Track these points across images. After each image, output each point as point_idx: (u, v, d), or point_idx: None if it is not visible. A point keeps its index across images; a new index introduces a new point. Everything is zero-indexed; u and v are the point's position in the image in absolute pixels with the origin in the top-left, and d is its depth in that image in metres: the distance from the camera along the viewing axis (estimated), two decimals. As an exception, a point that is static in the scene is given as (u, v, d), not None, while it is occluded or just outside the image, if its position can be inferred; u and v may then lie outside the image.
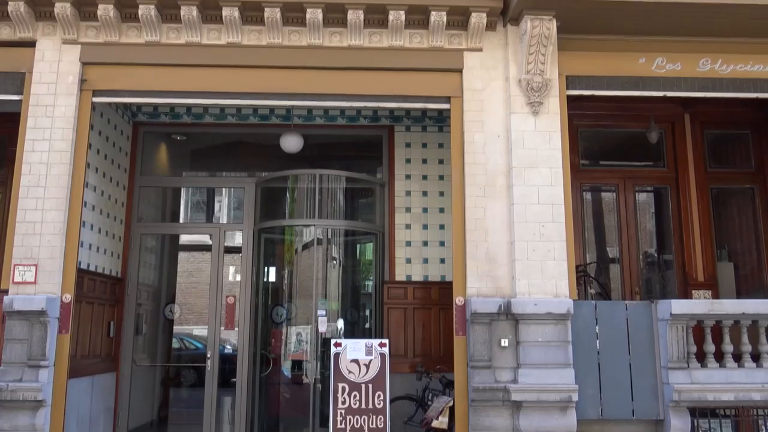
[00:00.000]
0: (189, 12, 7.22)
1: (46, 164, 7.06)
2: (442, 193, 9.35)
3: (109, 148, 8.57)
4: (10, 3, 7.07)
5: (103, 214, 8.39)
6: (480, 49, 7.50)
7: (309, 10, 7.23)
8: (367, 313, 9.73)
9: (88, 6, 7.26)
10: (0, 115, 8.08)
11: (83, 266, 7.63)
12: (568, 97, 7.48)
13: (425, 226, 9.37)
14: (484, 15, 7.32)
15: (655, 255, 9.89)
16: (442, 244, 9.27)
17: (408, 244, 9.31)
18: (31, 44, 7.35)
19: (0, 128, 8.67)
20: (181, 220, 11.80)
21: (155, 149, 10.03)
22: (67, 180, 7.06)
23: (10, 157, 7.98)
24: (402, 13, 7.26)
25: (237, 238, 10.56)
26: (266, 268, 9.81)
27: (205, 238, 12.05)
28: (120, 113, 8.92)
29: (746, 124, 9.63)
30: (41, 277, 6.84)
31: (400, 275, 9.23)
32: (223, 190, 12.61)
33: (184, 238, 12.93)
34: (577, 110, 8.16)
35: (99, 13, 7.19)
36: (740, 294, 9.19)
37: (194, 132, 10.01)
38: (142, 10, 7.19)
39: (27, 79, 7.28)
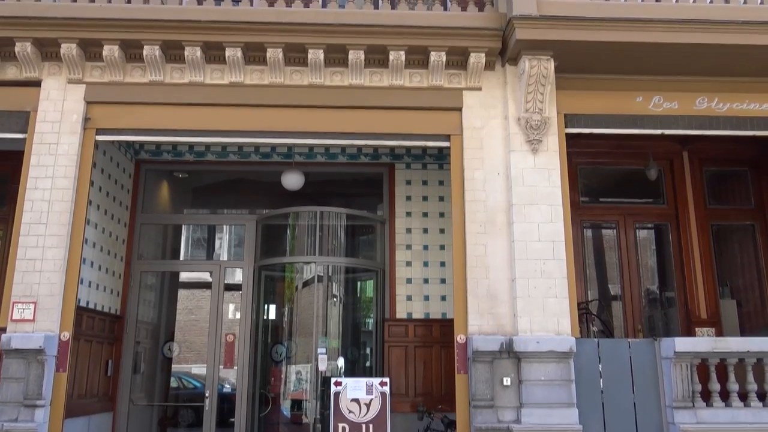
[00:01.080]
0: (192, 52, 7.35)
1: (48, 201, 7.09)
2: (442, 230, 9.36)
3: (111, 185, 8.61)
4: (17, 44, 7.20)
5: (104, 251, 8.38)
6: (479, 88, 7.61)
7: (310, 51, 7.36)
8: (368, 351, 9.63)
9: (93, 47, 7.39)
10: (3, 152, 8.14)
11: (82, 304, 7.59)
12: (567, 134, 7.55)
13: (426, 264, 9.34)
14: (483, 55, 7.44)
15: (657, 292, 9.84)
16: (443, 281, 9.23)
17: (409, 281, 9.28)
18: (37, 84, 7.46)
19: (3, 166, 8.74)
20: (182, 257, 11.78)
21: (157, 186, 10.08)
22: (69, 217, 7.08)
23: (12, 195, 8.02)
24: (402, 53, 7.38)
25: (237, 275, 10.52)
26: (266, 305, 9.76)
27: (205, 275, 12.03)
28: (123, 151, 9.00)
29: (744, 161, 9.69)
30: (40, 315, 6.81)
31: (400, 313, 9.17)
32: (224, 227, 12.62)
33: (184, 276, 12.90)
34: (576, 148, 8.22)
35: (104, 53, 7.31)
36: (744, 332, 9.11)
37: (196, 169, 10.08)
38: (146, 50, 7.32)
39: (32, 118, 7.38)
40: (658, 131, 7.71)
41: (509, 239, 7.14)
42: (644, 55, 7.25)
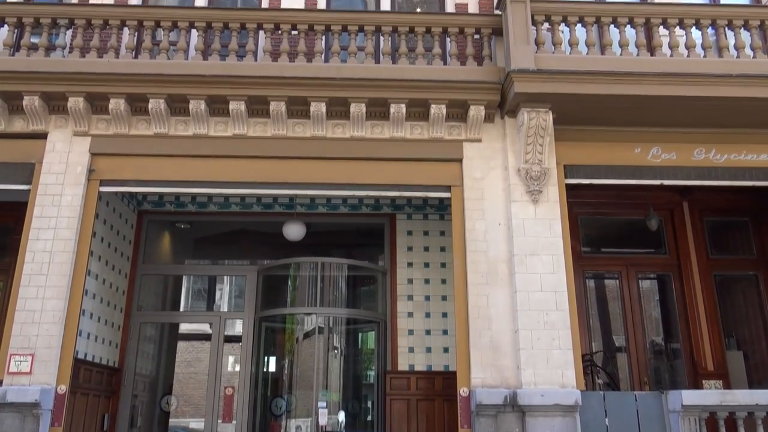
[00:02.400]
0: (197, 106, 7.48)
1: (50, 252, 7.09)
2: (444, 281, 9.31)
3: (113, 236, 8.63)
4: (25, 98, 7.34)
5: (104, 302, 8.33)
6: (479, 140, 7.70)
7: (313, 104, 7.49)
8: (369, 404, 9.44)
9: (100, 100, 7.53)
10: (7, 204, 8.19)
11: (80, 356, 7.50)
12: (567, 185, 7.61)
13: (428, 315, 9.26)
14: (482, 108, 7.57)
15: (663, 343, 9.71)
16: (445, 332, 9.13)
17: (410, 332, 9.17)
18: (43, 136, 7.57)
19: (6, 217, 8.77)
20: (182, 309, 11.70)
21: (159, 237, 10.10)
22: (70, 268, 7.07)
23: (14, 246, 8.03)
24: (403, 106, 7.51)
25: (237, 327, 10.44)
26: (266, 357, 9.63)
27: (205, 327, 11.92)
28: (125, 202, 9.05)
29: (745, 211, 9.71)
30: (37, 367, 6.71)
31: (402, 365, 9.04)
32: (225, 278, 12.59)
33: (184, 327, 12.78)
34: (576, 198, 8.27)
35: (110, 106, 7.45)
36: (752, 384, 8.94)
37: (198, 220, 10.11)
38: (152, 103, 7.45)
39: (36, 169, 7.45)
40: (657, 182, 7.76)
41: (511, 290, 7.10)
42: (641, 107, 7.37)
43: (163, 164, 7.61)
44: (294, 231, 9.29)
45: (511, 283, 7.12)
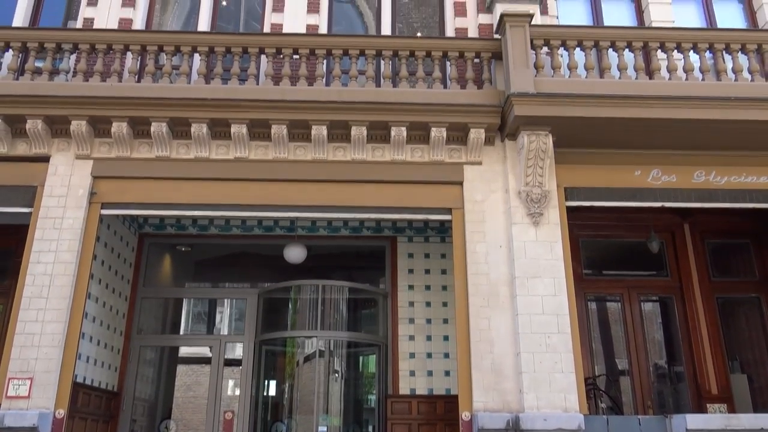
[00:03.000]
0: (199, 129, 7.53)
1: (50, 275, 7.08)
2: (445, 304, 9.27)
3: (114, 259, 8.62)
4: (28, 121, 7.39)
5: (103, 325, 8.30)
6: (479, 163, 7.73)
7: (314, 127, 7.54)
8: (370, 429, 9.34)
9: (102, 123, 7.58)
10: (8, 227, 8.20)
11: (79, 380, 7.44)
12: (568, 207, 7.61)
13: (429, 338, 9.21)
14: (483, 131, 7.61)
15: (666, 366, 9.63)
16: (446, 356, 9.07)
17: (411, 356, 9.11)
18: (45, 159, 7.61)
19: (7, 239, 8.76)
20: (182, 332, 11.63)
21: (159, 260, 10.09)
22: (70, 291, 7.05)
23: (14, 269, 8.01)
24: (403, 129, 7.55)
25: (237, 350, 10.38)
26: (266, 381, 9.56)
27: (204, 350, 11.85)
28: (126, 225, 9.06)
29: (746, 233, 9.70)
30: (35, 392, 6.66)
31: (403, 389, 8.96)
32: (225, 300, 12.55)
33: (184, 350, 12.71)
34: (577, 220, 8.26)
35: (113, 130, 7.49)
36: (756, 407, 8.85)
37: (199, 243, 10.11)
38: (154, 127, 7.50)
39: (38, 192, 7.48)
40: (658, 204, 7.77)
41: (513, 312, 7.07)
42: (640, 130, 7.41)
43: (165, 187, 7.63)
44: (295, 254, 9.29)
45: (513, 305, 7.09)
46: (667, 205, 7.82)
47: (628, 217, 9.17)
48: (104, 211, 7.59)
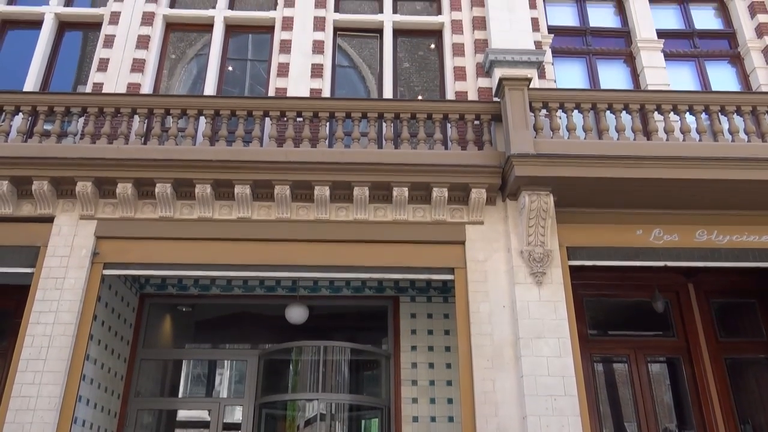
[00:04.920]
0: (203, 190, 7.61)
1: (50, 336, 7.02)
2: (449, 365, 9.11)
3: (114, 320, 8.55)
4: (34, 182, 7.49)
5: (101, 388, 8.14)
6: (481, 222, 7.76)
7: (317, 187, 7.61)
8: (373, 499, 9.03)
9: (107, 185, 7.67)
10: (8, 287, 8.15)
11: (74, 445, 7.25)
12: (571, 267, 7.59)
13: (432, 400, 9.00)
14: (484, 191, 7.68)
15: (676, 430, 9.36)
16: (450, 419, 8.85)
17: (415, 419, 8.88)
18: (50, 220, 7.66)
19: (7, 300, 8.70)
20: (180, 394, 11.38)
21: (159, 320, 10.00)
22: (69, 353, 6.97)
23: (13, 329, 7.93)
24: (405, 189, 7.63)
25: (237, 414, 10.13)
26: (266, 446, 9.29)
27: (203, 414, 11.56)
28: (128, 285, 9.03)
29: (752, 293, 9.61)
30: (28, 458, 6.49)
31: (407, 454, 8.71)
32: (225, 362, 12.33)
33: (182, 414, 12.39)
34: (580, 280, 8.22)
35: (118, 191, 7.58)
36: (771, 474, 8.56)
37: (200, 303, 10.05)
38: (158, 188, 7.58)
39: (41, 252, 7.49)
40: (661, 263, 7.75)
41: (518, 374, 6.95)
42: (640, 190, 7.48)
43: (168, 247, 7.66)
44: (296, 314, 9.21)
45: (518, 366, 6.97)
46: (670, 264, 7.80)
47: (632, 276, 9.11)
48: (106, 272, 7.59)
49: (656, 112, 8.01)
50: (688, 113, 8.04)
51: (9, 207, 7.64)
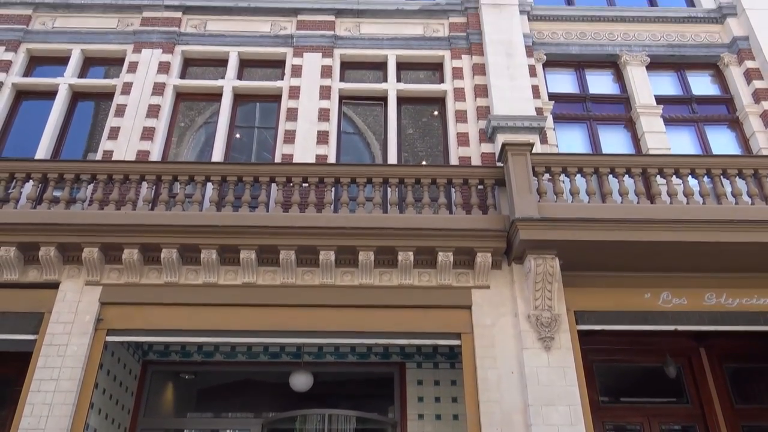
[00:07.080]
0: (209, 255, 7.62)
1: (49, 405, 6.88)
2: (457, 434, 8.86)
3: (116, 387, 8.40)
4: (41, 248, 7.53)
5: (99, 460, 7.92)
6: (487, 287, 7.71)
7: (322, 252, 7.62)
8: None
9: (113, 250, 7.69)
10: (10, 354, 8.05)
11: None
12: (579, 331, 7.48)
13: (441, 472, 8.71)
14: (489, 255, 7.66)
15: (696, 504, 8.98)
16: (459, 492, 8.53)
17: (423, 492, 8.57)
18: (55, 286, 7.65)
19: (8, 367, 8.58)
20: (181, 467, 11.04)
21: (161, 388, 9.80)
22: (68, 423, 6.82)
23: (13, 398, 7.78)
24: (410, 254, 7.62)
25: (238, 488, 9.79)
26: None
27: (203, 488, 11.14)
28: (131, 352, 8.92)
29: (765, 357, 9.41)
30: None
31: None
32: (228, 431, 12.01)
33: (181, 488, 11.97)
34: (589, 345, 8.09)
35: (124, 256, 7.60)
36: None
37: (203, 370, 9.87)
38: (164, 253, 7.60)
39: (45, 319, 7.44)
40: (671, 327, 7.64)
41: (528, 444, 6.73)
42: (646, 253, 7.45)
43: (172, 313, 7.60)
44: (301, 381, 9.03)
45: (528, 436, 6.76)
46: (680, 328, 7.68)
47: (642, 341, 8.96)
48: (109, 338, 7.51)
49: (658, 176, 8.08)
50: (690, 176, 8.11)
51: (15, 273, 7.65)
